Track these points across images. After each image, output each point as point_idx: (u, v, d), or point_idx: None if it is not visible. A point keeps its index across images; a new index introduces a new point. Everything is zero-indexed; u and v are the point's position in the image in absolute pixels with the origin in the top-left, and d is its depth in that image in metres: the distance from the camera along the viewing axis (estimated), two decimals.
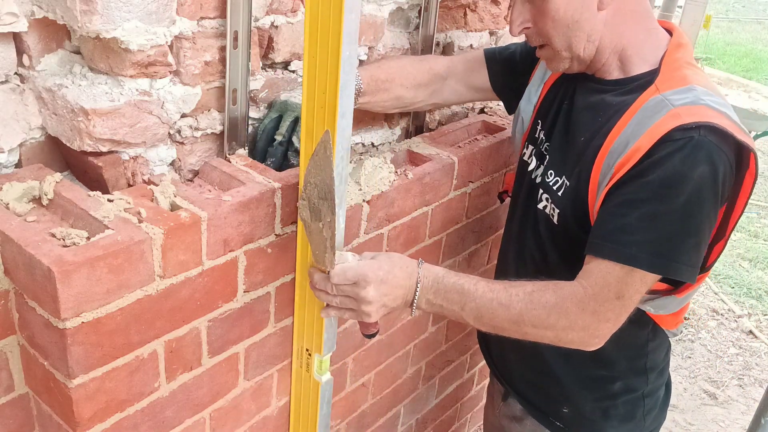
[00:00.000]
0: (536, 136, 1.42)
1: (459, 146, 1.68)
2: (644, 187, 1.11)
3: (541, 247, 1.36)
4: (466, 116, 1.89)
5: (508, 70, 1.52)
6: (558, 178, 1.31)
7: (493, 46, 1.91)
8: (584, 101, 1.30)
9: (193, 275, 1.12)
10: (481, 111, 1.94)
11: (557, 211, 1.29)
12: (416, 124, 1.75)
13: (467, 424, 2.43)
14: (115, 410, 1.09)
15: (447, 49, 1.77)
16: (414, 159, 1.60)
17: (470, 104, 1.90)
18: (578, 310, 1.14)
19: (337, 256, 1.15)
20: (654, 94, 1.17)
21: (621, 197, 1.14)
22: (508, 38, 1.95)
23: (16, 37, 1.06)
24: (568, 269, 1.21)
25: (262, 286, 1.26)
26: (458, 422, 2.36)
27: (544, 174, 1.35)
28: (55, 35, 1.10)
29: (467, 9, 1.76)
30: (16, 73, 1.09)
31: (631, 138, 1.14)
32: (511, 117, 1.62)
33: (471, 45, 1.82)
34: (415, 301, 1.18)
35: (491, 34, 1.89)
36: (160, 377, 1.14)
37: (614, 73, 1.25)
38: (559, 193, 1.29)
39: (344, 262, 1.15)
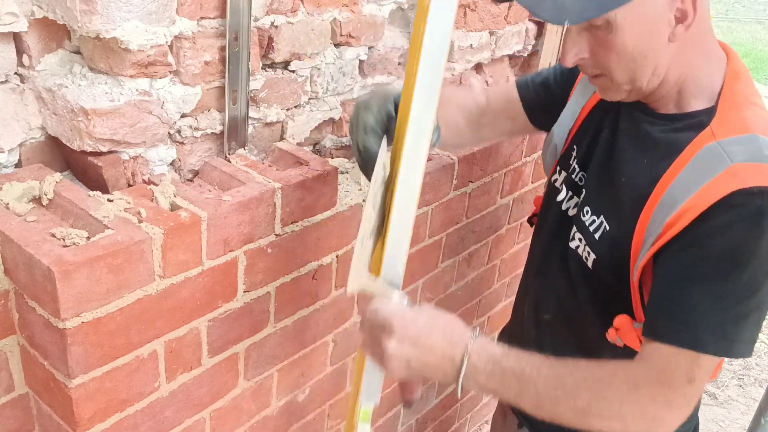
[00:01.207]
0: (570, 162, 1.31)
1: None
2: (705, 260, 1.01)
3: (571, 286, 1.27)
4: None
5: (544, 100, 1.39)
6: (595, 218, 1.19)
7: (493, 47, 1.91)
8: (628, 133, 1.18)
9: (193, 275, 1.12)
10: None
11: (593, 256, 1.18)
12: None
13: (467, 424, 2.43)
14: (115, 410, 1.09)
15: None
16: None
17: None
18: (649, 399, 1.03)
19: (386, 289, 1.04)
20: (709, 140, 1.04)
21: (679, 270, 1.03)
22: (509, 38, 1.95)
23: (16, 37, 1.06)
24: (598, 309, 1.18)
25: (262, 286, 1.26)
26: (458, 422, 2.36)
27: (580, 210, 1.23)
28: (55, 35, 1.10)
29: (467, 9, 1.76)
30: (16, 73, 1.09)
31: (681, 193, 1.03)
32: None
33: (471, 45, 1.82)
34: (461, 379, 1.01)
35: (491, 34, 1.89)
36: (160, 377, 1.14)
37: (668, 107, 1.12)
38: (596, 236, 1.18)
39: (388, 297, 1.03)
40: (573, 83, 1.35)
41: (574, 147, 1.31)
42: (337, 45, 1.45)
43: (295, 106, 1.42)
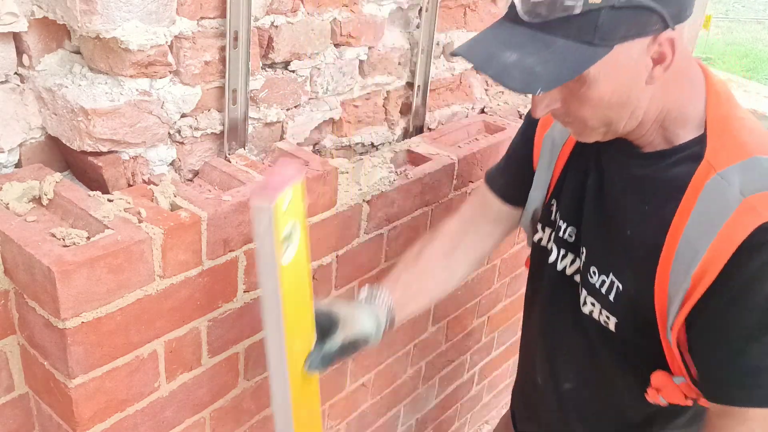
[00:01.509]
0: (552, 219, 1.23)
1: (459, 146, 1.68)
2: (753, 311, 0.94)
3: (592, 353, 1.19)
4: (466, 116, 1.89)
5: (516, 176, 1.31)
6: (604, 278, 1.10)
7: None
8: (619, 179, 1.08)
9: (193, 275, 1.12)
10: (482, 111, 1.94)
11: (614, 319, 1.10)
12: (416, 124, 1.75)
13: (467, 424, 2.43)
14: (115, 410, 1.09)
15: (447, 49, 1.77)
16: (414, 159, 1.60)
17: (470, 104, 1.90)
18: None
19: None
20: (709, 173, 0.97)
21: (729, 329, 0.97)
22: None
23: (16, 37, 1.06)
24: (629, 371, 1.14)
25: None
26: (458, 422, 2.36)
27: (585, 271, 1.14)
28: (55, 35, 1.10)
29: (467, 9, 1.76)
30: (16, 73, 1.09)
31: (699, 241, 0.96)
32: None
33: None
34: None
35: None
36: (160, 377, 1.14)
37: (654, 143, 1.03)
38: (610, 298, 1.09)
39: None
40: (531, 140, 1.27)
41: (553, 201, 1.22)
42: (337, 45, 1.45)
43: (295, 106, 1.42)
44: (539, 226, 1.27)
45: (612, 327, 1.11)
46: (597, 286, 1.11)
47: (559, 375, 1.28)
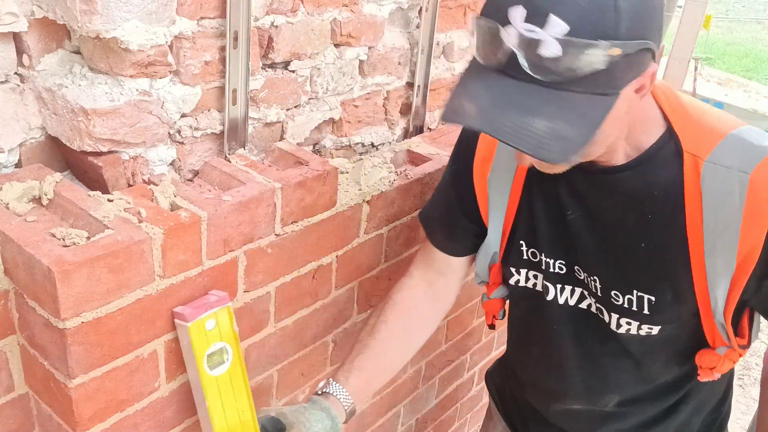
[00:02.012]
0: (526, 258, 1.20)
1: None
2: None
3: (637, 364, 1.20)
4: None
5: (457, 230, 1.29)
6: (630, 297, 1.10)
7: None
8: (609, 198, 1.07)
9: (193, 275, 1.12)
10: None
11: (656, 327, 1.12)
12: (416, 124, 1.75)
13: (467, 424, 2.44)
14: (115, 410, 1.09)
15: (447, 49, 1.77)
16: (414, 159, 1.60)
17: None
18: None
19: None
20: (698, 164, 0.98)
21: None
22: None
23: (16, 37, 1.06)
24: (676, 363, 1.18)
25: (262, 286, 1.26)
26: (458, 422, 2.36)
27: (608, 297, 1.12)
28: (55, 35, 1.10)
29: (467, 9, 1.76)
30: (16, 73, 1.09)
31: (726, 230, 0.98)
32: None
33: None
34: None
35: None
36: (160, 377, 1.14)
37: (623, 153, 1.03)
38: (645, 311, 1.10)
39: None
40: (471, 189, 1.23)
41: (522, 243, 1.20)
42: (337, 45, 1.46)
43: (295, 106, 1.42)
44: (512, 270, 1.24)
45: (656, 332, 1.13)
46: (626, 306, 1.11)
47: (599, 402, 1.27)
